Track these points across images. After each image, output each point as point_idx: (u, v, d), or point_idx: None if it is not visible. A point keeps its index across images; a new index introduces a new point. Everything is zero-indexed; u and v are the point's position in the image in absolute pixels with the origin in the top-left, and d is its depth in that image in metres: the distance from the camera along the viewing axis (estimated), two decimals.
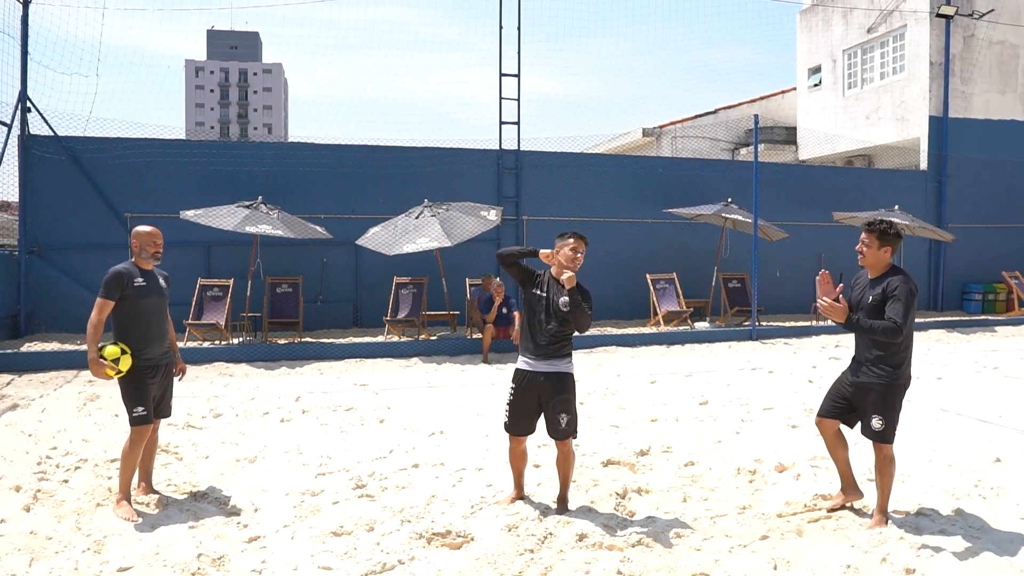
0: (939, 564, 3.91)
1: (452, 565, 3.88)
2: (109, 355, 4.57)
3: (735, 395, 8.40)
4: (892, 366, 4.31)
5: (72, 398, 8.12)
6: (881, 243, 4.38)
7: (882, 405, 4.33)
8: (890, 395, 4.33)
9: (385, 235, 12.16)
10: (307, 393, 8.53)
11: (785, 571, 3.88)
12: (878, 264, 4.43)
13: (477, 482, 5.24)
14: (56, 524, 4.47)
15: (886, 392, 4.32)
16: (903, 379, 4.36)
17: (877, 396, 4.34)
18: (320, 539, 4.24)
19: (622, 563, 3.89)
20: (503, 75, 14.58)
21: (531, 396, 4.60)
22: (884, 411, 4.33)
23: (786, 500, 4.90)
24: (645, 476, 5.43)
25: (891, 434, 4.36)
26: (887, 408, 4.33)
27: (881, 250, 4.39)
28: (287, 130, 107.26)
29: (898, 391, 4.35)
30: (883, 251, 4.39)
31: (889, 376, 4.31)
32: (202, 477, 5.39)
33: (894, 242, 4.40)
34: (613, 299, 14.64)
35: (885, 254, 4.40)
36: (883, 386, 4.32)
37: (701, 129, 23.37)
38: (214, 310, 12.07)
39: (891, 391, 4.32)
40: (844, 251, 16.71)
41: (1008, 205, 18.17)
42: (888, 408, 4.33)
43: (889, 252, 4.40)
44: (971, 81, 18.26)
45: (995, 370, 10.08)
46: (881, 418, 4.32)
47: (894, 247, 4.41)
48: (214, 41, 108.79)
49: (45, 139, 12.64)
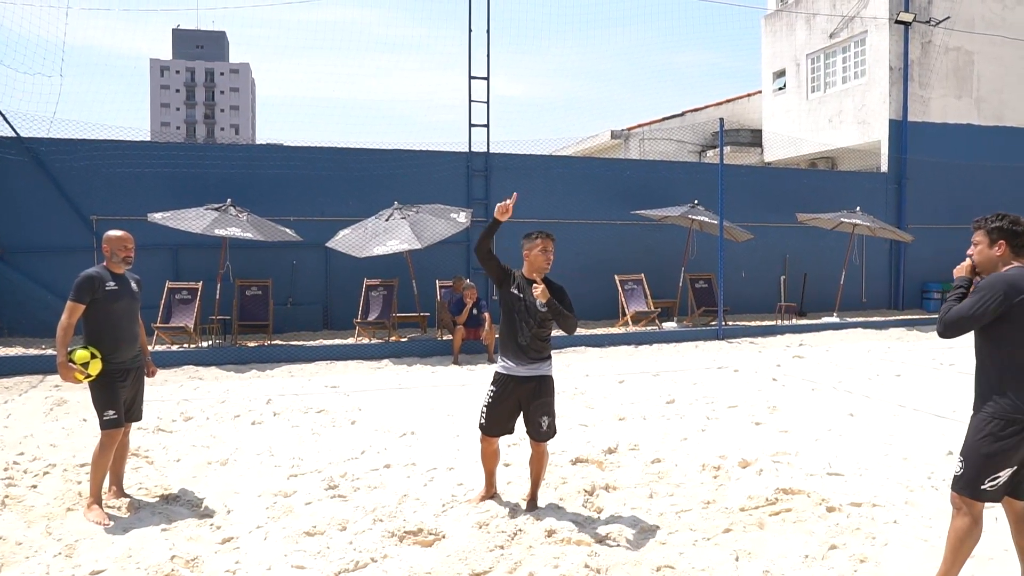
0: (891, 552, 4.09)
1: (424, 562, 3.97)
2: (79, 359, 4.57)
3: (701, 394, 8.58)
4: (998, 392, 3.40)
5: (39, 403, 8.05)
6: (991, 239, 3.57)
7: (967, 442, 3.47)
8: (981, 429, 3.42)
9: (355, 237, 12.19)
10: (278, 396, 8.54)
11: (746, 562, 4.02)
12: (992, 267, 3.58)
13: (448, 481, 5.33)
14: (26, 529, 4.47)
15: (979, 424, 3.44)
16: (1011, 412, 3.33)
17: (969, 429, 3.49)
18: (293, 539, 4.30)
19: (589, 557, 4.00)
20: (472, 78, 14.67)
21: (511, 400, 4.64)
22: (966, 450, 3.45)
23: (749, 494, 5.05)
24: (613, 473, 5.55)
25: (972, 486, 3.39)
26: (970, 447, 3.43)
27: (993, 248, 3.56)
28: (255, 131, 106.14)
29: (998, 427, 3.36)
30: (996, 249, 3.55)
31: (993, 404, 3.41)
32: (174, 480, 5.41)
33: (1008, 236, 3.53)
34: (582, 300, 14.68)
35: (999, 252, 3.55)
36: (978, 417, 3.47)
37: (668, 132, 23.66)
38: (183, 313, 12.00)
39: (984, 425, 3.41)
40: (807, 252, 17.12)
41: (965, 206, 18.62)
42: (971, 447, 3.42)
43: (1004, 248, 3.53)
44: (929, 86, 18.74)
45: (951, 367, 10.39)
46: (962, 460, 3.47)
47: (1011, 241, 3.53)
48: (180, 41, 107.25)
49: (8, 140, 12.46)
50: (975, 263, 3.63)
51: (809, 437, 6.58)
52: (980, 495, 3.39)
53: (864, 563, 3.99)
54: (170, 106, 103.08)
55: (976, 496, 3.40)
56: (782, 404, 7.94)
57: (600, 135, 24.74)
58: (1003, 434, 3.34)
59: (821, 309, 16.88)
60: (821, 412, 7.58)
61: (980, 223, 3.61)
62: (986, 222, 3.58)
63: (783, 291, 16.20)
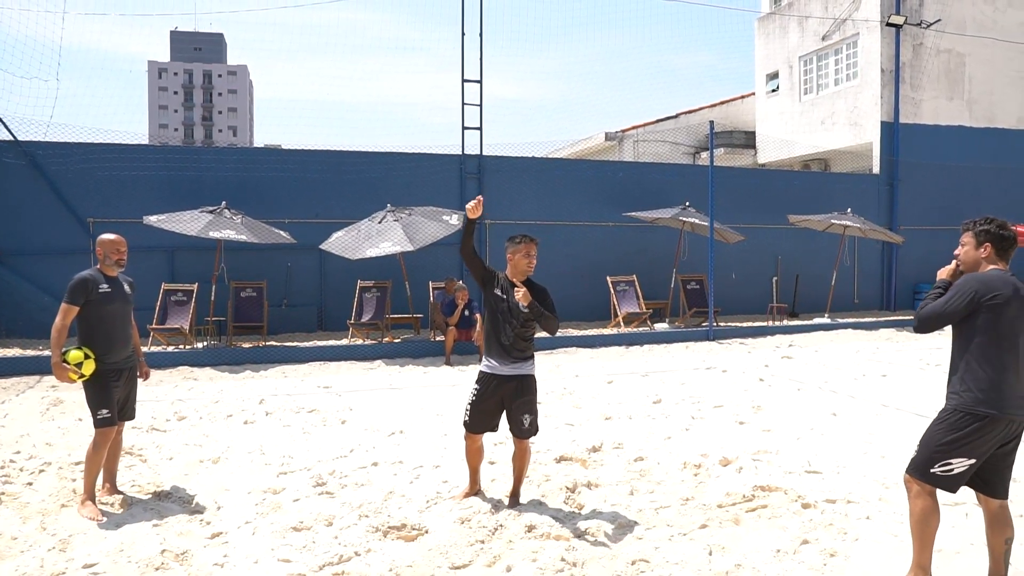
0: (861, 547, 4.21)
1: (406, 556, 4.09)
2: (73, 359, 4.70)
3: (688, 394, 8.71)
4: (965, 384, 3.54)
5: (35, 403, 8.17)
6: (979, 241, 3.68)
7: (929, 427, 3.63)
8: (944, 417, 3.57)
9: (349, 239, 12.31)
10: (271, 396, 8.66)
11: (719, 556, 4.15)
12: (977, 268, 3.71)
13: (434, 479, 5.45)
14: (21, 525, 4.59)
15: (943, 412, 3.60)
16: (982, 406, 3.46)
17: (936, 416, 3.65)
18: (280, 534, 4.42)
19: (567, 551, 4.12)
20: (465, 81, 14.81)
21: (495, 398, 4.77)
22: (926, 434, 3.63)
23: (727, 491, 5.17)
24: (595, 471, 5.68)
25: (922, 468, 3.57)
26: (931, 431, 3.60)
27: (979, 249, 3.68)
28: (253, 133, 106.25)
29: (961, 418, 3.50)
30: (982, 250, 3.67)
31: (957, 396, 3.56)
32: (166, 478, 5.53)
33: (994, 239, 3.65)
34: (574, 301, 14.93)
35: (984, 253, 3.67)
36: (945, 407, 3.61)
37: (662, 133, 23.81)
38: (178, 315, 12.12)
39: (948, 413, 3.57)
40: (799, 253, 17.26)
41: (956, 208, 18.76)
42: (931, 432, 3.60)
43: (989, 250, 3.66)
44: (920, 88, 18.90)
45: (937, 367, 10.53)
46: (920, 443, 3.64)
47: (996, 245, 3.65)
48: (178, 42, 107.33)
49: (5, 144, 12.59)
50: (961, 262, 3.76)
51: (791, 436, 6.70)
52: (929, 478, 3.54)
53: (834, 557, 4.11)
54: (168, 108, 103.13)
55: (925, 479, 3.55)
56: (767, 404, 8.07)
57: (594, 137, 24.90)
58: (960, 424, 3.49)
59: (813, 310, 17.02)
60: (805, 412, 7.71)
61: (969, 225, 3.74)
62: (975, 224, 3.71)
63: (775, 292, 16.35)
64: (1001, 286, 3.50)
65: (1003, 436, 3.52)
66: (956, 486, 3.55)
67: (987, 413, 3.45)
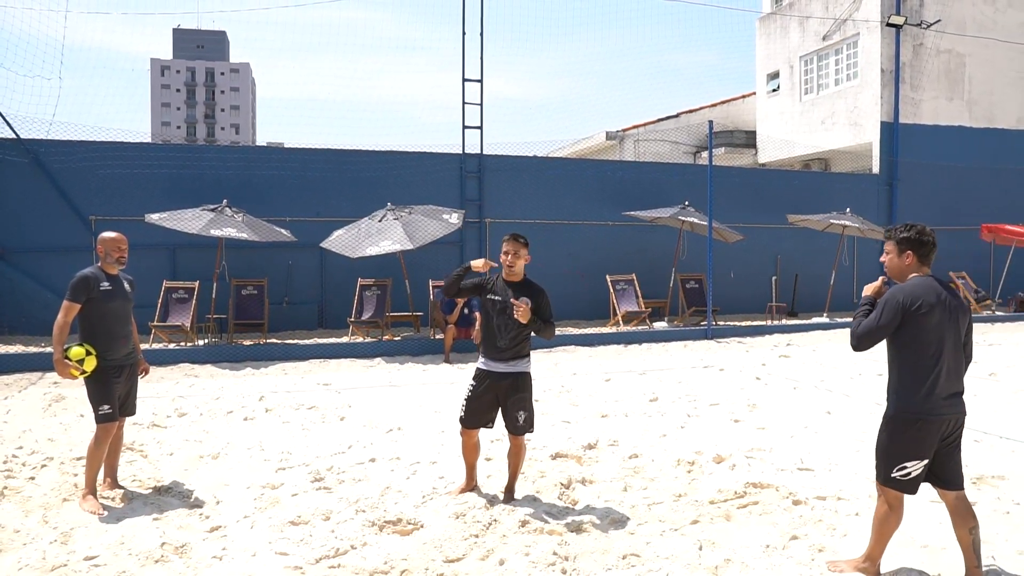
0: (849, 543, 4.28)
1: (401, 549, 4.17)
2: (74, 356, 4.78)
3: (685, 392, 8.77)
4: (898, 393, 3.75)
5: (37, 399, 8.25)
6: (900, 249, 3.81)
7: (878, 437, 3.84)
8: (885, 426, 3.79)
9: (349, 238, 12.38)
10: (271, 393, 8.74)
11: (709, 551, 4.22)
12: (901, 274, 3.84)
13: (430, 474, 5.53)
14: (23, 518, 4.67)
15: (884, 422, 3.81)
16: (911, 412, 3.67)
17: (880, 426, 3.85)
18: (278, 528, 4.50)
19: (559, 546, 4.20)
20: (466, 80, 14.87)
21: (490, 394, 4.86)
22: (877, 445, 3.84)
23: (719, 488, 5.24)
24: (590, 468, 5.75)
25: (882, 473, 3.76)
26: (879, 442, 3.82)
27: (902, 257, 3.81)
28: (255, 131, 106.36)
29: (898, 425, 3.71)
30: (904, 258, 3.80)
31: (893, 405, 3.79)
32: (166, 473, 5.61)
33: (915, 246, 3.76)
34: (574, 300, 15.00)
35: (907, 260, 3.79)
36: (884, 416, 3.83)
37: (663, 133, 23.86)
38: (179, 312, 12.20)
39: (888, 422, 3.79)
40: (798, 253, 17.31)
41: (955, 208, 18.85)
42: (879, 442, 3.81)
43: (911, 258, 3.78)
44: (920, 88, 18.94)
45: None
46: (875, 453, 3.85)
47: (917, 251, 3.76)
48: (180, 40, 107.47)
49: (7, 142, 12.66)
50: (887, 270, 3.89)
51: (785, 434, 6.77)
52: (891, 483, 3.73)
53: (822, 552, 4.18)
54: (171, 106, 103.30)
55: (888, 484, 3.75)
56: (763, 402, 8.13)
57: (595, 136, 24.95)
58: (900, 430, 3.71)
59: (812, 310, 17.07)
60: (800, 410, 7.77)
61: (891, 233, 3.85)
62: (895, 232, 3.83)
63: (774, 291, 16.40)
64: (924, 294, 3.64)
65: (943, 433, 3.68)
66: (915, 487, 3.73)
67: (920, 417, 3.64)
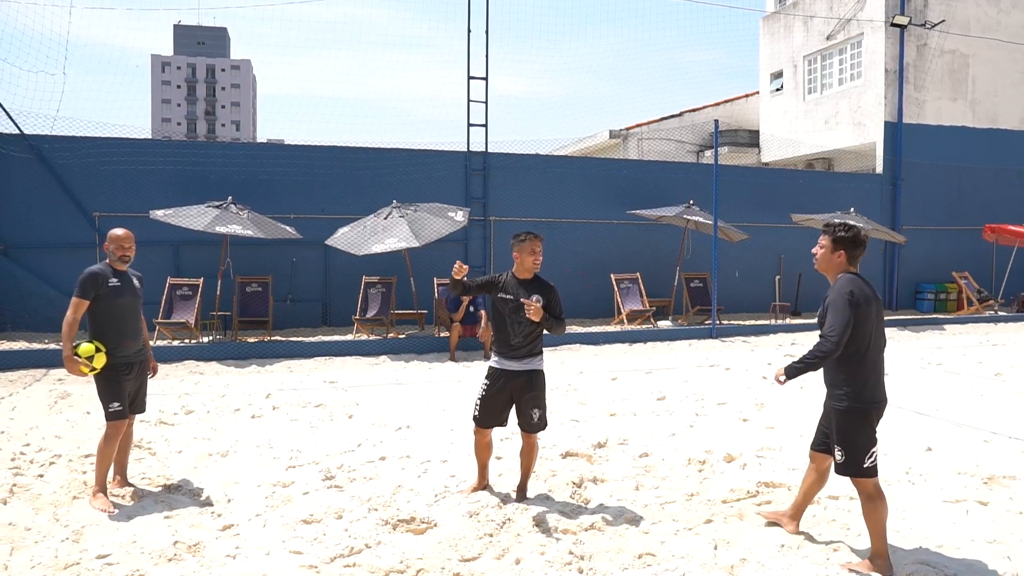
0: (863, 542, 4.26)
1: (416, 548, 4.15)
2: (84, 353, 4.75)
3: (692, 391, 8.76)
4: (850, 387, 3.89)
5: (43, 396, 8.23)
6: (835, 247, 4.02)
7: (840, 434, 3.92)
8: (847, 421, 3.90)
9: (354, 235, 12.36)
10: (277, 390, 8.72)
11: (724, 550, 4.20)
12: (829, 269, 4.08)
13: (441, 473, 5.51)
14: (34, 516, 4.65)
15: (843, 418, 3.91)
16: (864, 402, 3.89)
17: (836, 423, 3.95)
18: (291, 526, 4.48)
19: (574, 545, 4.18)
20: (471, 78, 14.84)
21: (504, 393, 4.83)
22: (843, 441, 3.91)
23: (731, 487, 5.23)
24: (601, 467, 5.73)
25: (855, 467, 3.88)
26: (845, 437, 3.90)
27: (834, 254, 4.03)
28: (255, 128, 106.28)
29: (858, 416, 3.89)
30: (836, 255, 4.03)
31: (847, 399, 3.90)
32: (175, 471, 5.59)
33: (848, 246, 4.00)
34: (579, 299, 14.98)
35: (838, 258, 4.02)
36: (840, 412, 3.93)
37: (667, 131, 23.83)
38: (184, 309, 12.17)
39: (848, 417, 3.90)
40: (802, 252, 17.27)
41: (958, 208, 18.86)
42: (846, 437, 3.90)
43: (843, 257, 4.01)
44: (924, 88, 18.91)
45: (939, 366, 10.57)
46: (840, 449, 3.91)
47: (849, 252, 4.01)
48: (181, 36, 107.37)
49: (11, 137, 12.63)
50: (816, 260, 4.12)
51: (794, 433, 6.75)
52: (864, 473, 3.91)
53: (837, 552, 4.17)
54: (171, 102, 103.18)
55: (863, 475, 3.92)
56: (770, 401, 8.12)
57: (599, 135, 24.91)
58: (860, 420, 3.91)
59: (815, 309, 17.02)
60: (807, 409, 7.74)
61: (829, 230, 4.07)
62: (833, 231, 4.05)
63: (778, 291, 16.39)
64: (860, 289, 3.90)
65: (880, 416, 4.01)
66: (877, 470, 3.97)
67: (871, 406, 3.91)
